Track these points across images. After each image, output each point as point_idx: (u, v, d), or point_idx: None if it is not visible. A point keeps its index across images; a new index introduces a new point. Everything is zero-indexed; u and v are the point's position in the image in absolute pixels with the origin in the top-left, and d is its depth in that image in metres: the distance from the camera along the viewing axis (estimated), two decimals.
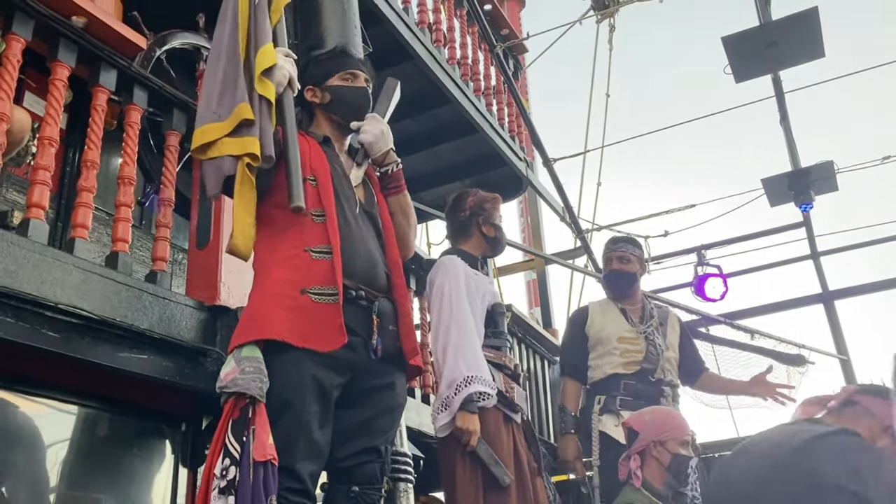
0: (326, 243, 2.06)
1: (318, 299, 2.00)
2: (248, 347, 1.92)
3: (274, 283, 2.01)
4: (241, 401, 1.86)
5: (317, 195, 2.13)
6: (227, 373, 1.89)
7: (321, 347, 1.95)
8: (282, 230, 2.10)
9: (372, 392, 2.10)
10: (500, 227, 3.12)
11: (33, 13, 2.49)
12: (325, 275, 2.02)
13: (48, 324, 2.25)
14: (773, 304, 7.48)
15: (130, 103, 2.89)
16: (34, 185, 2.41)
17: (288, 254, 2.06)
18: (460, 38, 5.67)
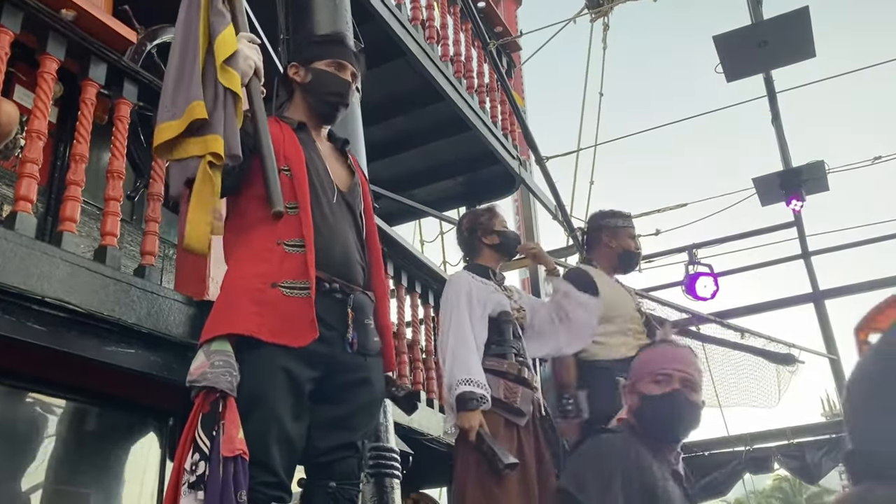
0: (300, 237, 2.01)
1: (290, 293, 1.96)
2: (217, 341, 1.89)
3: (244, 277, 1.97)
4: (210, 395, 1.82)
5: (291, 186, 2.06)
6: (197, 366, 1.86)
7: (292, 342, 1.92)
8: (255, 222, 2.04)
9: (348, 387, 2.07)
10: (502, 232, 3.27)
11: (22, 5, 2.48)
12: (298, 268, 1.98)
13: (35, 317, 2.25)
14: (763, 304, 7.51)
15: (120, 97, 2.88)
16: (22, 178, 2.41)
17: (260, 247, 2.01)
18: (453, 35, 5.67)
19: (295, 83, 2.30)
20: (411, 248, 4.66)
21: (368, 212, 2.31)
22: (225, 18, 2.11)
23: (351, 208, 2.21)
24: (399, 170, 6.50)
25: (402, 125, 5.93)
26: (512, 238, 3.31)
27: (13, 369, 2.38)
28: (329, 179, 2.18)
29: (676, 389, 2.01)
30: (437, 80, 5.09)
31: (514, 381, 2.97)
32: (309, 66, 2.29)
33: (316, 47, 2.36)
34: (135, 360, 2.52)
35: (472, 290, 3.05)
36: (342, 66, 2.30)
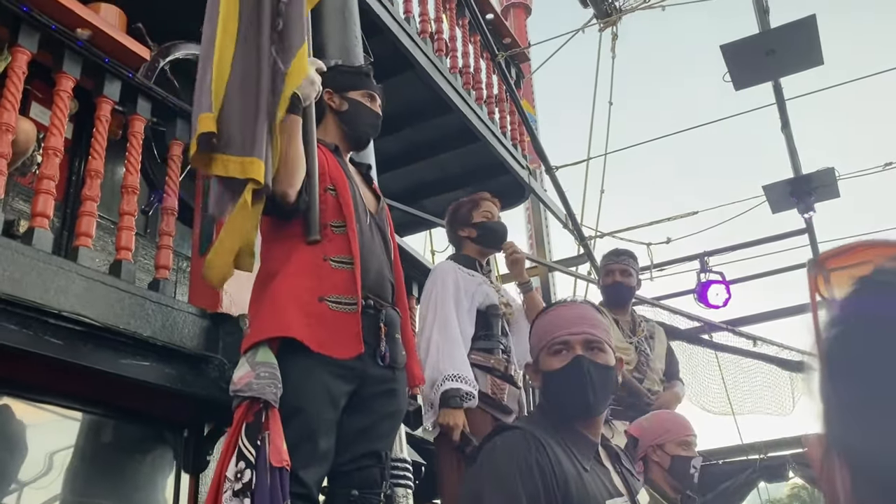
0: (346, 254, 2.08)
1: (336, 307, 2.02)
2: (262, 352, 1.93)
3: (290, 289, 2.02)
4: (255, 405, 1.86)
5: (337, 206, 2.14)
6: (242, 376, 1.89)
7: (337, 354, 1.98)
8: (300, 239, 2.09)
9: (374, 397, 2.13)
10: (480, 224, 3.10)
11: (39, 25, 2.54)
12: (345, 284, 2.05)
13: (52, 331, 2.28)
14: (776, 311, 7.47)
15: (134, 113, 2.93)
16: (39, 194, 2.45)
17: (307, 261, 2.06)
18: (462, 48, 5.71)
19: (329, 109, 2.38)
20: (422, 259, 4.69)
21: (392, 234, 2.40)
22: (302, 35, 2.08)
23: (381, 230, 2.30)
24: (410, 181, 6.54)
25: (412, 137, 5.96)
26: (493, 229, 3.12)
27: (30, 382, 2.42)
28: (363, 202, 2.27)
29: (578, 356, 1.72)
30: (446, 92, 5.13)
31: (501, 378, 2.90)
32: (344, 95, 2.39)
33: (351, 77, 2.44)
34: (150, 373, 2.55)
35: (459, 280, 2.92)
36: (374, 99, 2.43)
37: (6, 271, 2.17)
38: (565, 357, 1.74)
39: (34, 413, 2.47)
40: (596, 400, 1.72)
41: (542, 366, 1.79)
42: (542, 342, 1.80)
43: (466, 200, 3.21)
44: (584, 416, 1.74)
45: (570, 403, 1.73)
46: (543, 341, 1.80)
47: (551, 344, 1.77)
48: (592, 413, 1.74)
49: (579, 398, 1.71)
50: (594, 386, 1.71)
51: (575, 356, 1.73)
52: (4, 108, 2.40)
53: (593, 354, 1.74)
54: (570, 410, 1.74)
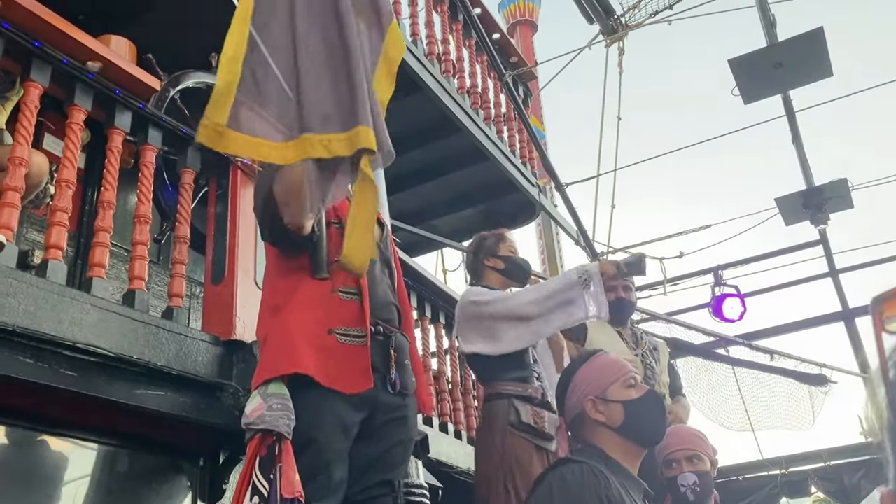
0: (353, 284, 2.07)
1: (345, 340, 2.01)
2: (274, 384, 1.92)
3: (301, 322, 2.00)
4: (268, 438, 1.85)
5: (341, 239, 2.04)
6: (254, 409, 1.89)
7: (346, 389, 1.96)
8: (306, 272, 2.08)
9: (386, 425, 2.11)
10: (507, 258, 3.18)
11: (50, 59, 2.57)
12: (353, 316, 2.04)
13: (66, 363, 2.29)
14: (792, 324, 7.41)
15: (145, 143, 2.95)
16: (52, 226, 2.47)
17: (315, 293, 2.05)
18: (469, 68, 5.74)
19: None
20: (434, 279, 4.68)
21: (396, 261, 2.40)
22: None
23: (385, 257, 2.30)
24: (420, 201, 6.55)
25: (421, 157, 5.98)
26: (520, 265, 3.20)
27: (46, 414, 2.42)
28: None
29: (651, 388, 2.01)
30: (454, 112, 5.15)
31: (540, 405, 2.90)
32: None
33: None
34: (164, 402, 2.55)
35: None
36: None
37: (21, 304, 2.17)
38: (640, 389, 1.99)
39: (50, 445, 2.47)
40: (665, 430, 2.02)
41: (616, 396, 1.97)
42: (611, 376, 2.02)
43: (492, 233, 3.29)
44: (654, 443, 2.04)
45: (651, 429, 1.96)
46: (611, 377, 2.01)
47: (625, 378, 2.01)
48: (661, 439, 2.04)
49: (658, 425, 1.96)
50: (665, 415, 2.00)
51: (649, 389, 2.00)
52: (18, 143, 2.42)
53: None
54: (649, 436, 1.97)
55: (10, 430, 2.35)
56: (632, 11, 7.44)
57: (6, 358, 2.13)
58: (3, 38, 2.45)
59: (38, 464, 2.43)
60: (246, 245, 3.16)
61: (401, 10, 4.90)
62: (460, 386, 4.74)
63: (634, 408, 1.93)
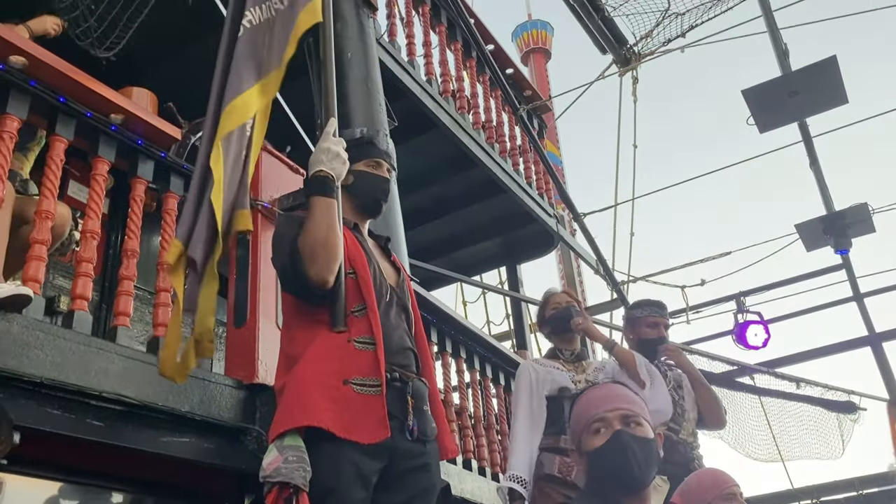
0: (369, 334, 2.07)
1: (361, 390, 2.00)
2: (290, 436, 1.92)
3: (317, 373, 2.00)
4: (285, 490, 1.84)
5: (356, 288, 2.13)
6: (270, 462, 1.89)
7: (363, 439, 1.95)
8: (324, 324, 2.09)
9: (406, 473, 2.09)
10: (551, 317, 3.47)
11: (75, 113, 2.63)
12: (369, 366, 2.03)
13: (93, 412, 2.31)
14: (818, 349, 7.31)
15: (167, 191, 3.01)
16: (78, 277, 2.51)
17: (330, 344, 2.05)
18: (484, 103, 5.80)
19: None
20: (453, 314, 4.68)
21: (414, 305, 2.39)
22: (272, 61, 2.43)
23: (402, 303, 2.29)
24: (439, 234, 6.59)
25: (439, 192, 6.03)
26: (558, 318, 3.45)
27: (72, 464, 2.44)
28: (383, 277, 2.26)
29: (618, 431, 1.75)
30: (470, 147, 5.20)
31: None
32: (350, 169, 2.35)
33: (351, 150, 2.41)
34: (188, 449, 2.56)
35: (531, 378, 3.22)
36: (378, 164, 2.43)
37: (48, 356, 2.21)
38: (605, 434, 1.76)
39: (76, 494, 2.49)
40: (641, 473, 1.72)
41: (585, 446, 1.80)
42: (580, 425, 1.83)
43: (540, 303, 3.63)
44: (632, 491, 1.74)
45: (617, 479, 1.74)
46: (581, 423, 1.82)
47: (589, 423, 1.80)
48: (639, 487, 1.74)
49: (624, 473, 1.72)
50: (637, 459, 1.72)
51: (615, 432, 1.75)
52: (44, 196, 2.48)
53: (632, 429, 1.76)
54: (617, 486, 1.74)
55: (38, 481, 2.37)
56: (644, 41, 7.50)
57: (34, 410, 2.16)
58: (29, 96, 2.52)
59: None
60: (267, 288, 3.18)
61: (415, 51, 4.98)
62: (483, 421, 4.71)
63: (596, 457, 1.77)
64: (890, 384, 6.73)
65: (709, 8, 6.23)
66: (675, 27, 6.61)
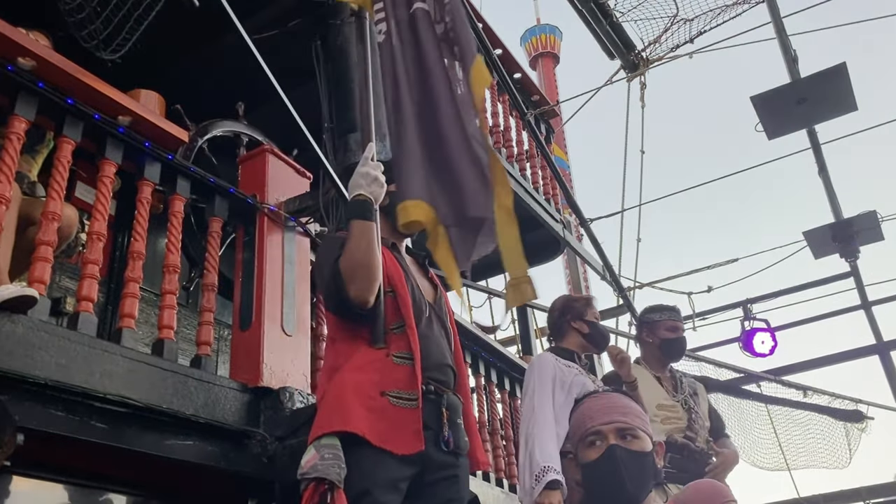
0: (408, 350, 2.12)
1: (398, 403, 2.05)
2: (326, 438, 1.96)
3: (355, 383, 2.05)
4: (320, 486, 1.88)
5: (395, 307, 2.17)
6: (307, 460, 1.94)
7: (397, 450, 1.99)
8: (364, 340, 2.14)
9: (436, 483, 2.12)
10: (593, 324, 3.31)
11: (82, 116, 2.64)
12: (406, 379, 2.08)
13: (97, 415, 2.31)
14: (825, 357, 7.26)
15: (174, 193, 3.01)
16: (84, 279, 2.51)
17: (370, 357, 2.10)
18: (491, 108, 5.78)
19: None
20: (459, 318, 4.67)
21: (452, 321, 2.41)
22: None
23: (440, 319, 2.33)
24: None
25: None
26: (602, 333, 3.35)
27: (75, 466, 2.44)
28: (422, 295, 2.30)
29: (612, 446, 1.76)
30: None
31: None
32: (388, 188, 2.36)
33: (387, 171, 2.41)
34: (193, 452, 2.56)
35: (557, 373, 3.05)
36: None
37: (53, 358, 2.21)
38: (599, 448, 1.79)
39: (79, 495, 2.48)
40: (634, 488, 1.73)
41: (580, 458, 1.83)
42: (577, 434, 1.86)
43: (580, 297, 3.47)
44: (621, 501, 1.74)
45: (609, 494, 1.75)
46: (578, 433, 1.85)
47: (585, 435, 1.82)
48: (634, 500, 1.75)
49: (617, 489, 1.73)
50: (630, 475, 1.73)
51: (609, 446, 1.77)
52: (51, 198, 2.49)
53: (627, 443, 1.77)
54: (611, 499, 1.75)
55: (41, 482, 2.37)
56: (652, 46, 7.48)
57: (39, 412, 2.16)
58: (37, 97, 2.52)
59: None
60: (273, 292, 3.18)
61: None
62: (488, 426, 4.70)
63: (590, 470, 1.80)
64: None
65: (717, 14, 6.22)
66: (683, 33, 6.59)
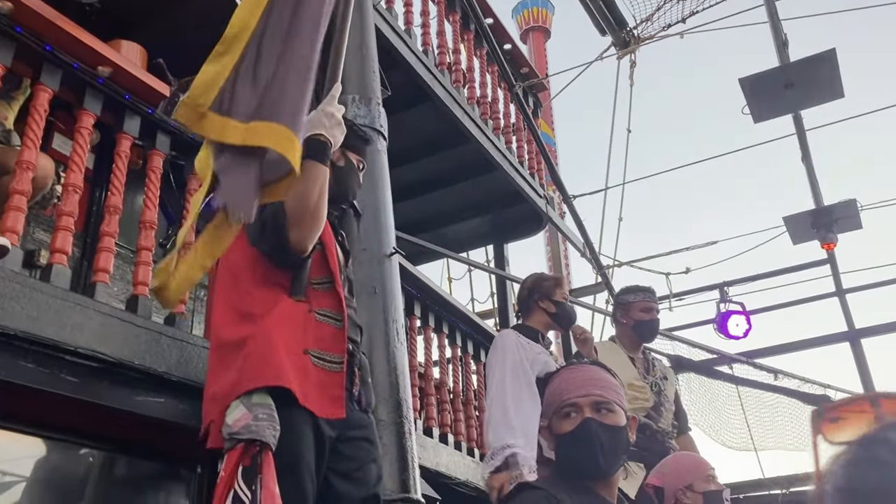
0: (332, 308, 2.07)
1: (319, 363, 2.00)
2: (258, 394, 1.89)
3: (281, 337, 1.98)
4: (251, 447, 1.82)
5: (322, 262, 2.11)
6: (237, 419, 1.85)
7: (319, 412, 1.96)
8: (284, 290, 2.05)
9: (356, 442, 2.11)
10: (560, 303, 3.30)
11: (61, 64, 2.58)
12: (329, 339, 2.03)
13: (68, 368, 2.29)
14: (797, 342, 7.36)
15: (153, 149, 2.96)
16: (58, 230, 2.47)
17: (291, 310, 2.03)
18: (480, 78, 5.74)
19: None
20: (438, 290, 4.67)
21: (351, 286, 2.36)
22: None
23: (350, 280, 2.31)
24: (428, 209, 6.55)
25: (430, 166, 5.98)
26: (568, 313, 3.34)
27: (45, 419, 2.42)
28: (339, 254, 2.27)
29: (587, 419, 1.75)
30: (463, 122, 5.14)
31: None
32: (345, 152, 2.33)
33: (356, 139, 2.40)
34: (164, 409, 2.54)
35: (519, 350, 3.06)
36: (363, 168, 2.45)
37: (24, 309, 2.18)
38: (574, 420, 1.78)
39: (49, 449, 2.47)
40: (606, 462, 1.74)
41: (554, 429, 1.82)
42: (552, 405, 1.84)
43: (550, 276, 3.45)
44: (596, 478, 1.76)
45: (581, 466, 1.76)
46: (554, 405, 1.84)
47: (561, 406, 1.81)
48: (603, 475, 1.77)
49: (589, 461, 1.74)
50: (603, 448, 1.74)
51: (584, 419, 1.77)
52: (26, 147, 2.43)
53: (602, 416, 1.78)
54: (581, 473, 1.76)
55: (8, 434, 2.35)
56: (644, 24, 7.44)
57: (7, 362, 2.13)
58: (14, 42, 2.46)
59: (35, 468, 2.43)
60: None
61: (412, 20, 4.90)
62: (462, 396, 4.73)
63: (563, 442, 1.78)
64: (866, 380, 6.81)
65: None
66: (675, 12, 6.57)
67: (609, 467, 1.75)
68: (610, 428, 1.76)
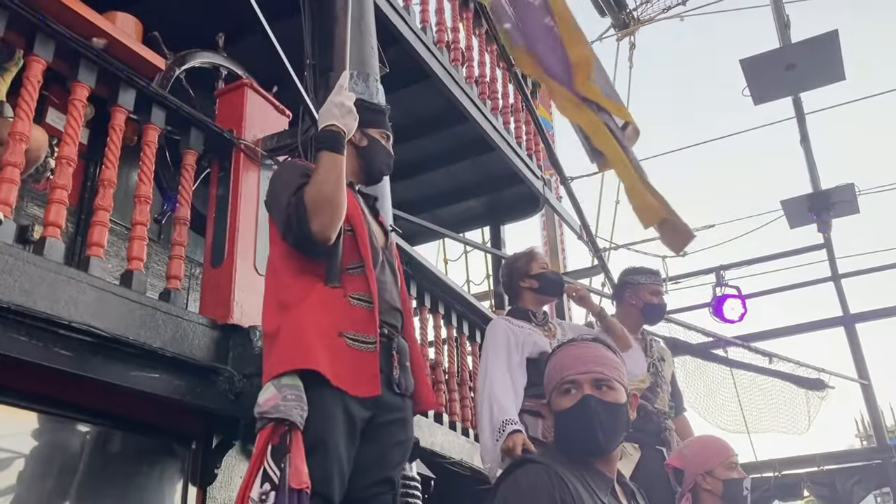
0: (365, 291, 2.10)
1: (354, 345, 2.03)
2: (287, 377, 1.94)
3: (313, 321, 2.02)
4: (280, 427, 1.88)
5: (354, 246, 2.14)
6: (267, 399, 1.92)
7: (354, 391, 1.99)
8: (319, 277, 2.10)
9: (385, 426, 2.13)
10: (540, 275, 3.30)
11: (55, 34, 2.53)
12: (363, 322, 2.06)
13: (61, 342, 2.27)
14: (792, 327, 7.39)
15: (148, 122, 2.92)
16: (51, 203, 2.44)
17: (326, 296, 2.07)
18: (478, 57, 5.69)
19: (349, 142, 2.28)
20: (434, 270, 4.66)
21: (399, 265, 2.42)
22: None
23: (390, 263, 2.32)
24: (424, 190, 6.52)
25: (427, 146, 5.94)
26: (552, 279, 3.34)
27: (39, 393, 2.40)
28: (375, 238, 2.28)
29: (586, 395, 1.74)
30: (461, 101, 5.11)
31: None
32: (365, 131, 2.36)
33: (372, 114, 2.41)
34: (159, 385, 2.53)
35: (509, 335, 3.09)
36: (388, 138, 2.45)
37: (17, 282, 2.15)
38: (574, 397, 1.77)
39: (42, 424, 2.45)
40: (605, 439, 1.73)
41: (554, 406, 1.82)
42: (552, 382, 1.83)
43: (521, 254, 3.42)
44: (595, 455, 1.76)
45: (580, 443, 1.75)
46: (554, 381, 1.82)
47: (561, 383, 1.80)
48: (602, 452, 1.76)
49: (588, 438, 1.73)
50: (602, 425, 1.73)
51: (583, 396, 1.75)
52: (19, 118, 2.40)
53: (602, 393, 1.76)
54: (580, 449, 1.76)
55: (1, 407, 2.33)
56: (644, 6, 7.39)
57: (0, 335, 2.11)
58: (7, 11, 2.41)
59: (29, 442, 2.42)
60: (246, 229, 3.13)
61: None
62: (457, 376, 4.73)
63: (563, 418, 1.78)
64: (860, 364, 6.84)
65: None
66: None
67: (608, 444, 1.75)
68: (609, 405, 1.75)
